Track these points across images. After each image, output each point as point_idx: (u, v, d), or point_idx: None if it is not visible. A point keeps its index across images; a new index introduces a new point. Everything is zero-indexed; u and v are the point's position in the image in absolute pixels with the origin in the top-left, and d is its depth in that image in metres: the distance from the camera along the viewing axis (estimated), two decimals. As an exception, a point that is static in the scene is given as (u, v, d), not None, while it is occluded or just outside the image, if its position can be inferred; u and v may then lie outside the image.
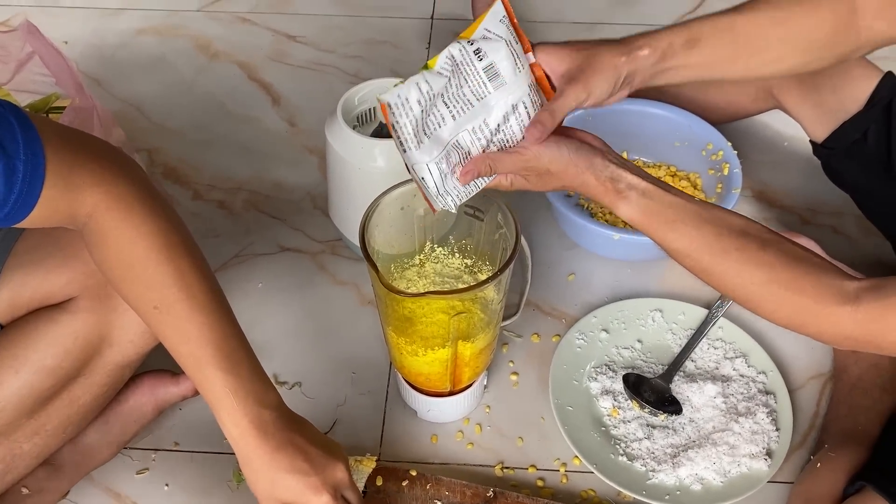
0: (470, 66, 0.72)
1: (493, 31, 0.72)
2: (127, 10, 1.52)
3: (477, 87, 0.72)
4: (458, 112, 0.72)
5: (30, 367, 0.77)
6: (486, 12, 0.73)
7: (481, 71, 0.72)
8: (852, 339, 0.68)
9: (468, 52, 0.72)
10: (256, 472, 0.70)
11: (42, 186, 0.64)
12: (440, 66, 0.71)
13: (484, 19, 0.72)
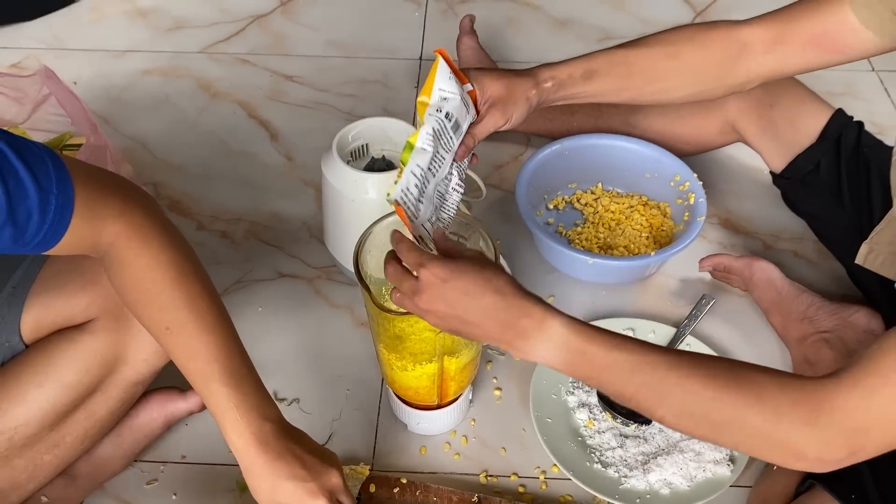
0: (445, 131, 0.84)
1: (446, 89, 0.84)
2: (132, 51, 1.62)
3: (448, 142, 0.84)
4: (437, 169, 0.83)
5: (52, 383, 0.84)
6: (434, 72, 0.84)
7: (450, 129, 0.84)
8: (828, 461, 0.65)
9: (442, 121, 0.83)
10: (258, 479, 0.77)
11: (71, 217, 0.72)
12: (423, 142, 0.82)
13: (435, 80, 0.84)
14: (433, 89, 0.84)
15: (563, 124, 1.32)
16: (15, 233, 0.69)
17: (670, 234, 1.21)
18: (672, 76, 0.96)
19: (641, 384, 0.68)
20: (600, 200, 1.27)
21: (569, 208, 1.28)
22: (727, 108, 1.20)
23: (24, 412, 0.83)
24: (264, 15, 1.70)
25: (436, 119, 0.83)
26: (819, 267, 1.21)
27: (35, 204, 0.68)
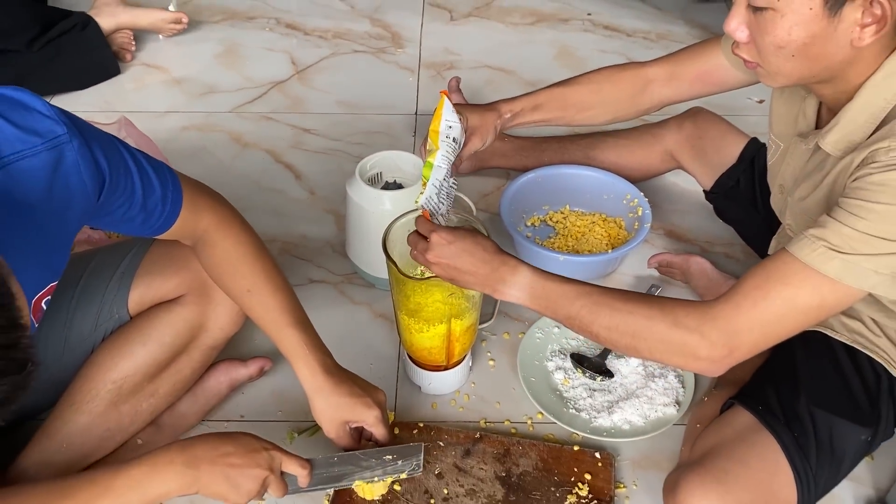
0: (453, 152, 1.11)
1: (451, 119, 1.11)
2: (171, 112, 1.91)
3: (452, 158, 1.11)
4: (446, 177, 1.10)
5: (154, 342, 1.09)
6: (441, 108, 1.09)
7: (454, 149, 1.12)
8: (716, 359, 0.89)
9: (451, 144, 1.11)
10: (325, 399, 1.01)
11: (180, 209, 0.99)
12: (440, 162, 1.07)
13: (442, 113, 1.09)
14: (441, 121, 1.09)
15: (535, 159, 1.63)
16: (145, 219, 0.96)
17: (625, 241, 1.50)
18: (596, 106, 1.28)
19: (581, 306, 0.96)
20: (568, 218, 1.56)
21: (543, 225, 1.57)
22: (666, 141, 1.51)
23: (131, 365, 1.08)
24: (283, 81, 2.02)
25: (447, 144, 1.10)
26: (745, 263, 1.50)
27: (159, 198, 0.96)
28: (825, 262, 0.86)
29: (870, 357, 1.08)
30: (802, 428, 1.03)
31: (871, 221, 0.85)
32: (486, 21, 2.28)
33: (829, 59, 0.89)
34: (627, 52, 2.12)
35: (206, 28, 2.23)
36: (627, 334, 0.94)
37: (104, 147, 0.87)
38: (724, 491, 0.98)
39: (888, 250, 0.85)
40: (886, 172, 0.85)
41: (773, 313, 0.89)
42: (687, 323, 0.91)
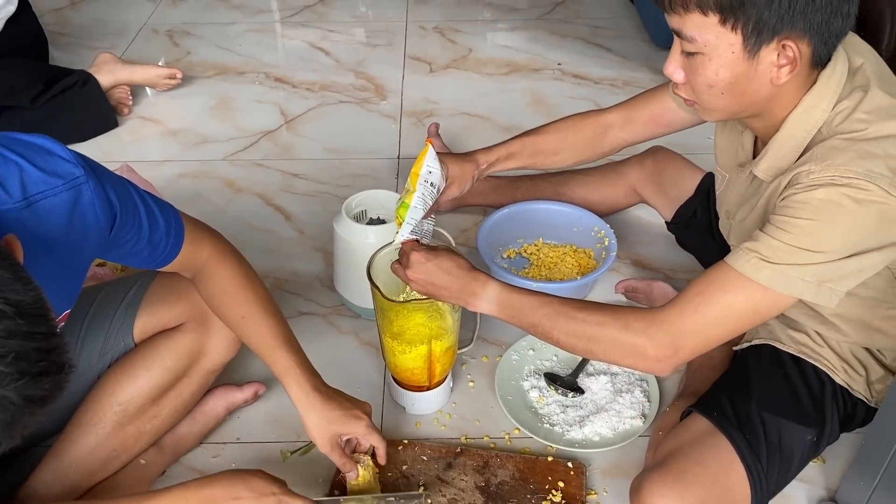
0: (430, 195, 1.21)
1: (432, 166, 1.21)
2: (167, 161, 2.03)
3: (429, 200, 1.20)
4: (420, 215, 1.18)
5: (157, 367, 1.18)
6: (424, 154, 1.19)
7: (431, 192, 1.21)
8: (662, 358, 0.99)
9: (428, 187, 1.20)
10: (317, 415, 1.10)
11: (182, 243, 1.09)
12: (415, 203, 1.17)
13: (424, 159, 1.19)
14: (423, 166, 1.19)
15: (509, 196, 1.74)
16: (151, 252, 1.06)
17: (594, 269, 1.61)
18: (562, 152, 1.39)
19: (543, 315, 1.07)
20: (541, 250, 1.68)
21: (518, 257, 1.68)
22: (629, 177, 1.64)
23: (136, 388, 1.17)
24: (272, 130, 2.14)
25: (424, 187, 1.20)
26: (706, 289, 1.62)
27: (163, 233, 1.06)
28: (757, 272, 0.97)
29: (815, 366, 1.19)
30: (753, 430, 1.12)
31: (796, 234, 0.96)
32: (463, 72, 2.43)
33: (754, 95, 1.01)
34: (595, 98, 2.27)
35: (199, 83, 2.37)
36: (583, 338, 1.05)
37: (116, 187, 0.97)
38: (683, 489, 1.06)
39: (811, 260, 0.96)
40: (807, 192, 0.96)
41: (712, 317, 0.99)
42: (636, 326, 1.02)
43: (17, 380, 0.62)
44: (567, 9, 2.85)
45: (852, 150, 0.96)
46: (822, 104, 1.00)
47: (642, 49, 2.53)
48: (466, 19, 2.77)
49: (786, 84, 0.99)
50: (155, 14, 2.81)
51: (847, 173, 0.94)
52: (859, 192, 0.94)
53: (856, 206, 0.94)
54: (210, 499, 0.99)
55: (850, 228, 0.95)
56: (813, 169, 0.97)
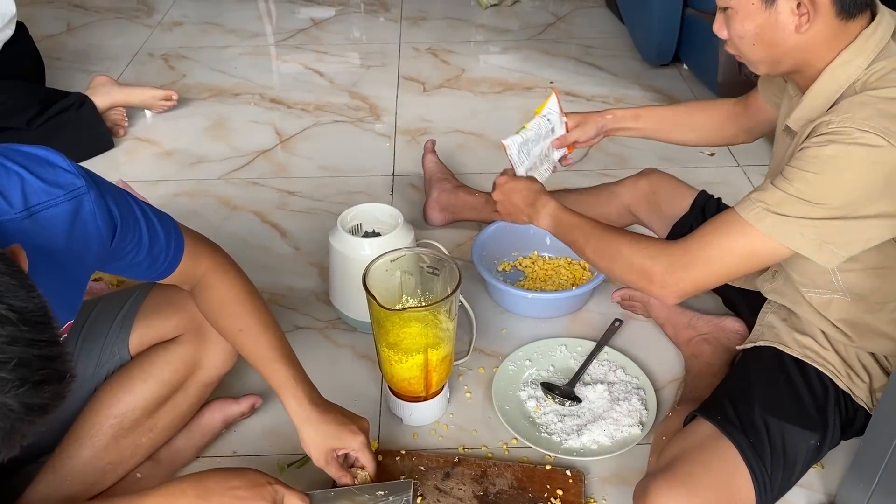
0: (543, 127, 1.40)
1: (553, 109, 1.41)
2: (163, 181, 2.04)
3: (544, 134, 1.40)
4: (533, 145, 1.38)
5: (153, 379, 1.18)
6: (548, 99, 1.41)
7: (547, 129, 1.40)
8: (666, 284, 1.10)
9: (545, 121, 1.40)
10: (314, 428, 1.10)
11: (182, 255, 1.10)
12: (531, 126, 1.37)
13: (548, 103, 1.40)
14: (545, 106, 1.40)
15: (505, 211, 1.75)
16: (150, 264, 1.06)
17: (588, 281, 1.62)
18: (687, 125, 1.47)
19: (581, 233, 1.23)
20: (536, 262, 1.68)
21: (514, 270, 1.69)
22: (623, 198, 1.64)
23: (132, 400, 1.17)
24: (268, 150, 2.16)
25: (540, 121, 1.39)
26: (701, 299, 1.60)
27: (163, 245, 1.06)
28: (760, 220, 1.03)
29: (818, 370, 1.19)
30: (757, 434, 1.12)
31: (799, 186, 1.00)
32: (456, 91, 2.46)
33: (782, 44, 1.05)
34: (588, 115, 2.29)
35: (194, 104, 2.39)
36: (606, 257, 1.19)
37: (116, 198, 0.98)
38: (689, 493, 1.06)
39: (811, 213, 1.00)
40: (819, 147, 1.00)
41: (713, 255, 1.08)
42: (648, 252, 1.13)
43: (18, 387, 0.62)
44: (558, 29, 2.89)
45: (875, 107, 0.99)
46: (857, 60, 1.04)
47: (633, 67, 2.57)
48: (459, 41, 2.81)
49: (816, 36, 1.04)
50: (150, 39, 2.84)
51: (864, 126, 0.98)
52: (871, 148, 0.97)
53: (864, 161, 0.97)
54: (207, 489, 0.99)
55: (854, 184, 0.99)
56: (833, 120, 1.01)
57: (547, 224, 1.29)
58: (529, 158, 1.38)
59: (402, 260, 1.32)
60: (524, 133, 1.36)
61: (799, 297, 1.22)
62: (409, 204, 1.91)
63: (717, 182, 1.91)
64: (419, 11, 3.04)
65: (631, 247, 1.16)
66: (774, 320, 1.28)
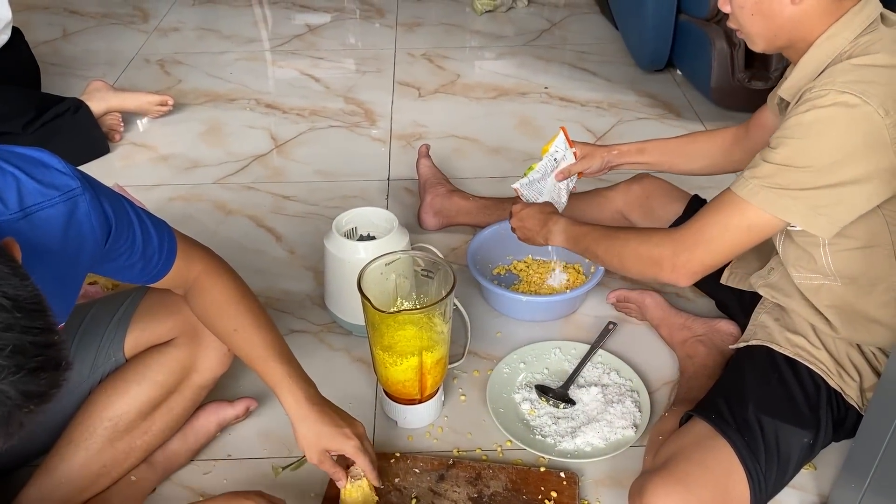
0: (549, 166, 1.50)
1: (560, 148, 1.49)
2: (159, 185, 2.04)
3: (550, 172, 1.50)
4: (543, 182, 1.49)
5: (148, 381, 1.18)
6: (556, 137, 1.49)
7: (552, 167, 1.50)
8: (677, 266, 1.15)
9: (552, 161, 1.49)
10: (308, 427, 1.10)
11: (175, 259, 1.10)
12: (538, 168, 1.48)
13: (555, 141, 1.48)
14: (553, 143, 1.48)
15: (497, 216, 1.75)
16: (144, 266, 1.06)
17: (583, 284, 1.62)
18: (693, 154, 1.51)
19: (592, 239, 1.30)
20: (531, 266, 1.69)
21: (508, 274, 1.70)
22: (616, 203, 1.65)
23: (126, 403, 1.17)
24: (263, 154, 2.16)
25: (546, 161, 1.48)
26: (695, 302, 1.63)
27: (156, 247, 1.07)
28: (754, 195, 1.08)
29: (810, 369, 1.20)
30: (752, 433, 1.13)
31: (784, 153, 1.05)
32: (451, 96, 2.47)
33: (779, 15, 1.10)
34: (582, 120, 2.31)
35: (190, 110, 2.39)
36: (616, 255, 1.24)
37: (111, 200, 0.98)
38: (686, 490, 1.07)
39: (799, 182, 1.04)
40: (802, 114, 1.04)
41: (713, 233, 1.13)
42: (654, 240, 1.19)
43: (13, 373, 0.63)
44: (553, 35, 2.90)
45: (855, 72, 1.04)
46: (844, 33, 1.09)
47: (627, 73, 2.58)
48: (454, 46, 2.82)
49: (809, 9, 1.08)
50: (146, 45, 2.85)
51: (842, 88, 1.02)
52: (849, 108, 1.01)
53: (843, 121, 1.02)
54: None
55: (836, 145, 1.02)
56: (815, 86, 1.05)
57: (561, 241, 1.36)
58: (543, 194, 1.50)
59: (397, 263, 1.32)
60: (532, 174, 1.47)
61: (792, 289, 1.23)
62: (403, 208, 1.92)
63: (710, 186, 1.90)
64: (414, 17, 3.05)
65: (638, 239, 1.23)
66: (767, 320, 1.29)
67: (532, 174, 1.48)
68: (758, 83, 2.17)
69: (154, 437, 1.21)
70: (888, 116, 1.01)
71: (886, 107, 1.01)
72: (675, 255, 1.16)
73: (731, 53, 2.18)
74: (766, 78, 2.17)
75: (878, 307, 1.17)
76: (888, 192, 1.06)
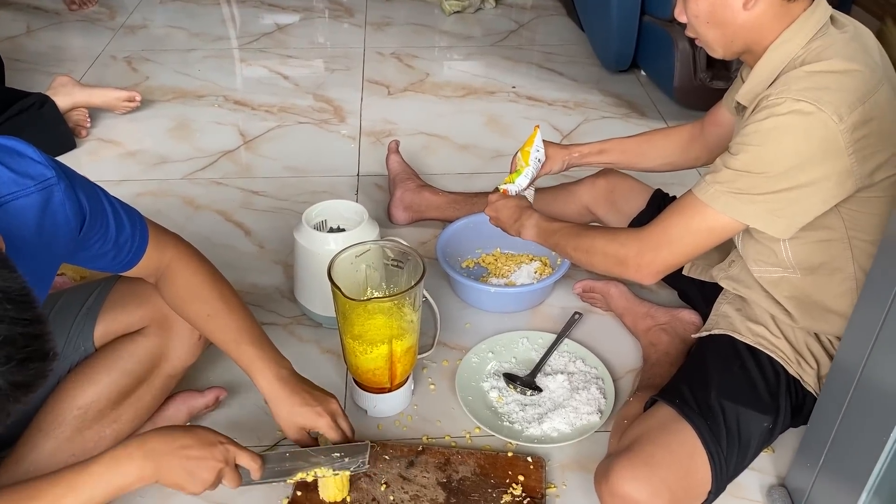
0: (535, 169, 1.50)
1: (539, 146, 1.50)
2: (126, 181, 2.03)
3: (534, 172, 1.50)
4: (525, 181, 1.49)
5: (117, 370, 1.18)
6: (534, 136, 1.51)
7: (536, 166, 1.50)
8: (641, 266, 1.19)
9: (536, 163, 1.50)
10: (281, 406, 1.11)
11: (147, 245, 1.11)
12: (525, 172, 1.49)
13: (535, 140, 1.50)
14: (533, 146, 1.50)
15: (466, 211, 1.78)
16: (116, 254, 1.07)
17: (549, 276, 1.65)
18: (651, 152, 1.55)
19: (561, 236, 1.33)
20: (499, 259, 1.72)
21: (477, 267, 1.72)
22: (582, 197, 1.69)
23: (96, 392, 1.17)
24: (232, 150, 2.16)
25: (534, 162, 1.50)
26: (658, 293, 1.67)
27: (129, 235, 1.07)
28: (714, 199, 1.11)
29: (770, 357, 1.24)
30: (714, 417, 1.17)
31: (744, 160, 1.08)
32: (420, 95, 2.49)
33: (732, 22, 1.14)
34: (550, 119, 2.34)
35: (158, 106, 2.38)
36: (584, 251, 1.28)
37: (85, 189, 0.99)
38: (650, 472, 1.10)
39: (757, 187, 1.07)
40: (759, 122, 1.08)
41: (676, 235, 1.16)
42: (620, 240, 1.23)
43: (3, 364, 0.64)
44: (520, 36, 2.94)
45: (809, 79, 1.07)
46: (796, 38, 1.12)
47: (593, 73, 2.63)
48: (423, 46, 2.85)
49: (762, 15, 1.12)
50: (113, 42, 2.83)
51: (798, 96, 1.05)
52: (804, 115, 1.04)
53: (799, 128, 1.05)
54: (154, 451, 0.97)
55: (794, 150, 1.06)
56: (772, 93, 1.09)
57: (532, 235, 1.39)
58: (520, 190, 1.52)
59: (367, 255, 1.34)
60: (520, 180, 1.50)
61: (752, 281, 1.27)
62: (373, 203, 1.93)
63: (672, 182, 1.95)
64: (383, 17, 3.07)
65: (604, 238, 1.26)
66: (729, 310, 1.33)
67: (520, 180, 1.49)
68: (719, 83, 2.22)
69: (123, 426, 1.21)
70: (842, 122, 1.04)
71: (840, 113, 1.04)
72: (639, 255, 1.19)
73: (693, 54, 2.23)
74: (728, 77, 2.22)
75: (835, 297, 1.21)
76: (843, 194, 1.10)
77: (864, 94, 1.06)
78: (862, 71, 1.07)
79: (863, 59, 1.09)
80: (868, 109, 1.06)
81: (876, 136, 1.07)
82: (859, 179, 1.09)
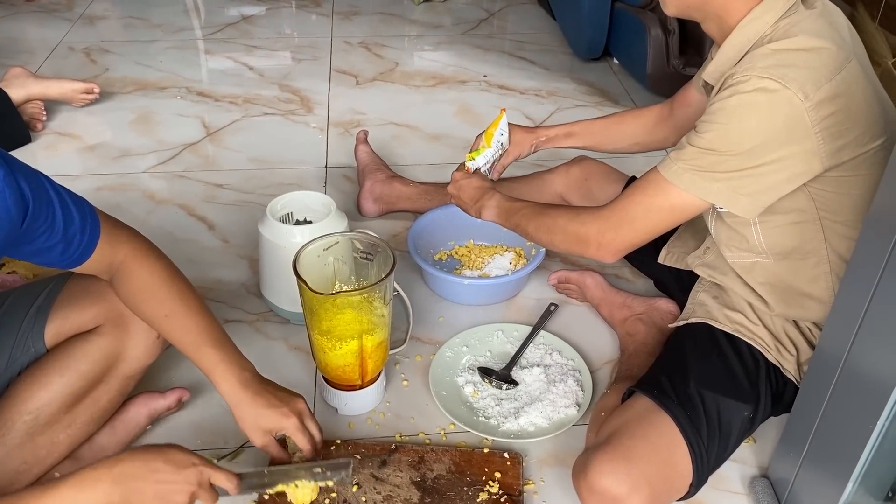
0: (496, 151, 1.47)
1: (503, 130, 1.48)
2: (85, 175, 1.96)
3: (496, 153, 1.48)
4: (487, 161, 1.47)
5: (71, 372, 1.12)
6: (500, 119, 1.47)
7: (498, 148, 1.47)
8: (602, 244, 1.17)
9: (498, 145, 1.47)
10: (245, 410, 1.06)
11: (98, 241, 1.04)
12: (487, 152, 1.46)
13: (500, 123, 1.47)
14: (496, 128, 1.46)
15: (438, 202, 1.74)
16: (65, 248, 1.00)
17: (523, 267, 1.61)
18: (619, 135, 1.52)
19: (523, 216, 1.30)
20: (472, 251, 1.67)
21: (450, 259, 1.67)
22: (555, 185, 1.65)
23: (48, 395, 1.10)
24: (194, 143, 2.09)
25: (495, 146, 1.46)
26: (634, 283, 1.64)
27: (78, 228, 1.01)
28: (678, 177, 1.09)
29: (749, 345, 1.21)
30: (693, 407, 1.13)
31: (708, 138, 1.05)
32: (389, 84, 2.43)
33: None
34: (522, 108, 2.30)
35: (118, 98, 2.30)
36: (545, 230, 1.25)
37: (28, 178, 0.92)
38: (629, 465, 1.07)
39: (722, 166, 1.05)
40: (725, 100, 1.04)
41: (638, 213, 1.14)
42: (581, 218, 1.20)
43: None
44: (491, 25, 2.90)
45: (774, 57, 1.04)
46: (766, 17, 1.09)
47: (565, 61, 2.59)
48: (392, 35, 2.79)
49: None
50: (71, 32, 2.74)
51: (762, 73, 1.02)
52: (769, 93, 1.01)
53: (763, 106, 1.02)
54: (124, 475, 0.91)
55: (757, 129, 1.03)
56: (737, 71, 1.05)
57: (492, 215, 1.35)
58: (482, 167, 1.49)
59: (335, 248, 1.29)
60: (479, 159, 1.47)
61: (727, 268, 1.24)
62: (342, 195, 1.88)
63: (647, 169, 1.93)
64: (351, 7, 3.01)
65: (566, 217, 1.23)
66: (706, 298, 1.30)
67: (479, 158, 1.46)
68: (692, 69, 2.20)
69: (78, 430, 1.14)
70: (808, 100, 1.01)
71: (805, 90, 1.01)
72: (600, 234, 1.17)
73: (665, 40, 2.20)
74: (700, 64, 2.20)
75: (810, 281, 1.19)
76: (809, 173, 1.07)
77: (830, 72, 1.03)
78: (829, 48, 1.04)
79: (830, 36, 1.06)
80: (835, 87, 1.03)
81: (843, 113, 1.04)
82: (826, 158, 1.06)
